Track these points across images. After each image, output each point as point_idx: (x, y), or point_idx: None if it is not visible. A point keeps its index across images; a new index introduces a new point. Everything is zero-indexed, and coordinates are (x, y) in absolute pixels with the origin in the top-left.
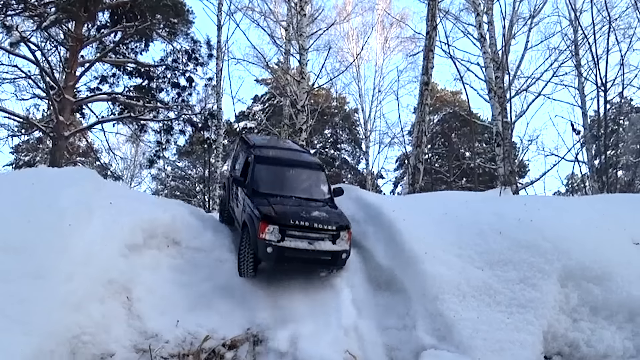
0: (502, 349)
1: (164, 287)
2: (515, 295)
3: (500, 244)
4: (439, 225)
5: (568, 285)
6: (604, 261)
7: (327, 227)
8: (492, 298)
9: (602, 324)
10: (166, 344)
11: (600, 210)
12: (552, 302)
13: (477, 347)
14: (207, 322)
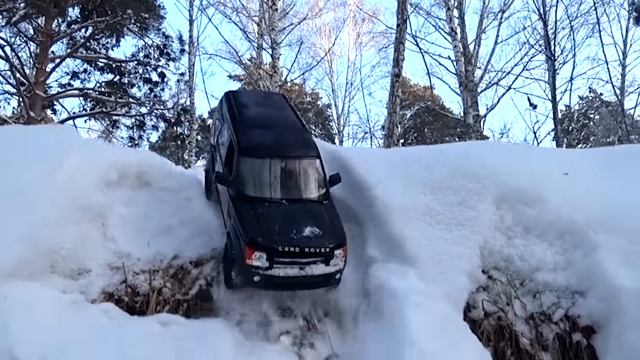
0: (442, 260)
1: (137, 217)
2: (454, 215)
3: (442, 174)
4: (390, 162)
5: (503, 207)
6: (537, 187)
7: (321, 250)
8: (434, 218)
9: (534, 241)
10: (138, 261)
11: (538, 151)
12: (487, 221)
13: (419, 259)
14: (175, 245)
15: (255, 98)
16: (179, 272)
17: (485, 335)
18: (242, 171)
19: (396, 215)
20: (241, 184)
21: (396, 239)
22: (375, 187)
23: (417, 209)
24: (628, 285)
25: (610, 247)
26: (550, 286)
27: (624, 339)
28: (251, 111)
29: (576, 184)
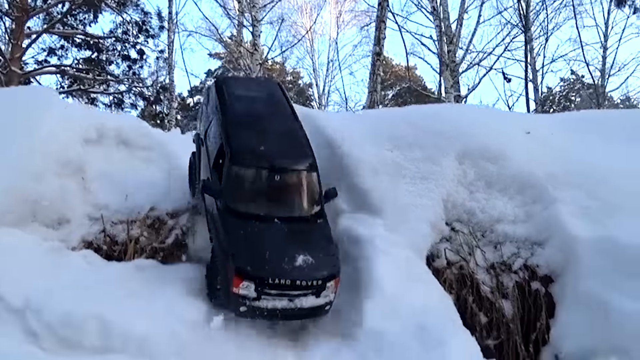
0: (406, 211)
1: (115, 172)
2: (419, 170)
3: (408, 131)
4: (359, 123)
5: (466, 162)
6: (499, 144)
7: (312, 283)
8: (399, 173)
9: (495, 195)
10: (116, 212)
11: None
12: (451, 176)
13: (385, 210)
14: (152, 198)
15: (249, 89)
16: (155, 223)
17: (448, 284)
18: (232, 182)
19: (363, 170)
20: (231, 197)
21: (363, 192)
22: (344, 144)
23: (384, 164)
24: (583, 235)
25: (568, 200)
26: (510, 237)
27: (579, 286)
28: (245, 108)
29: (537, 142)
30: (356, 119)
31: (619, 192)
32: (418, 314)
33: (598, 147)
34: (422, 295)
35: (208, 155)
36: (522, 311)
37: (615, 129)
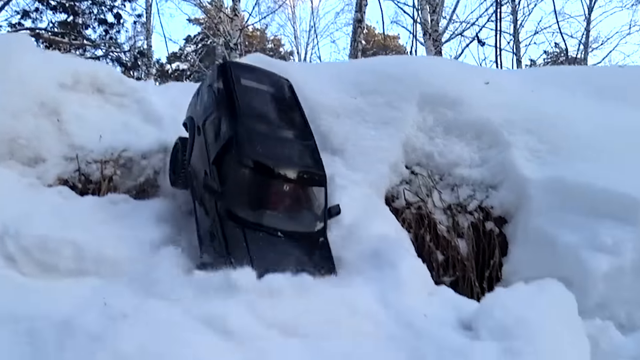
0: (367, 152)
1: (90, 116)
2: (381, 115)
3: (371, 79)
4: (326, 71)
5: (425, 109)
6: (458, 91)
7: None
8: (362, 117)
9: (453, 141)
10: (91, 152)
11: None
12: (411, 121)
13: (346, 151)
14: (126, 140)
15: (260, 82)
16: (128, 163)
17: (407, 223)
18: (238, 186)
19: (326, 114)
20: (234, 201)
21: (325, 134)
22: (309, 89)
23: (347, 109)
24: (534, 177)
25: (521, 145)
26: (466, 180)
27: (529, 224)
28: (257, 105)
29: (495, 91)
30: (323, 68)
31: (569, 137)
32: (374, 242)
33: (554, 98)
34: (379, 227)
35: (207, 148)
36: (477, 250)
37: (572, 83)
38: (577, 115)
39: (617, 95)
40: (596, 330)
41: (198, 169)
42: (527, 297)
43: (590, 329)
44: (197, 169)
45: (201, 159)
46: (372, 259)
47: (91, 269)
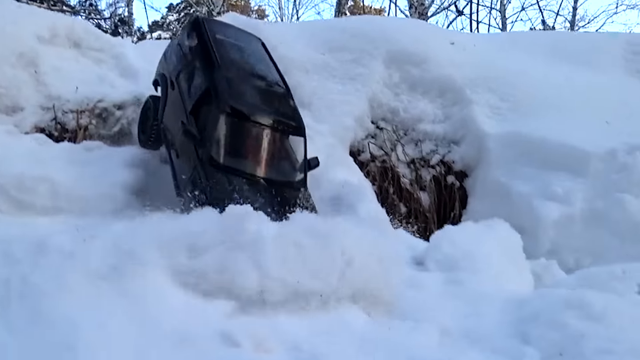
0: (333, 106)
1: (67, 68)
2: (348, 71)
3: (340, 36)
4: (297, 29)
5: (392, 66)
6: (423, 49)
7: None
8: (330, 73)
9: (418, 97)
10: (67, 102)
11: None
12: (377, 77)
13: (313, 104)
14: (103, 91)
15: (234, 38)
16: (103, 113)
17: (372, 175)
18: (220, 133)
19: (296, 69)
20: (216, 148)
21: (293, 88)
22: (279, 45)
23: (315, 65)
24: (493, 132)
25: (483, 102)
26: (430, 135)
27: (488, 177)
28: (233, 58)
29: (460, 51)
30: (295, 26)
31: (528, 95)
32: (335, 188)
33: (516, 59)
34: (341, 174)
35: (183, 99)
36: (438, 202)
37: (536, 46)
38: (538, 76)
39: (579, 59)
40: (541, 268)
41: (173, 123)
42: (474, 234)
43: (535, 267)
44: (172, 123)
45: (176, 112)
46: (333, 202)
47: (65, 207)
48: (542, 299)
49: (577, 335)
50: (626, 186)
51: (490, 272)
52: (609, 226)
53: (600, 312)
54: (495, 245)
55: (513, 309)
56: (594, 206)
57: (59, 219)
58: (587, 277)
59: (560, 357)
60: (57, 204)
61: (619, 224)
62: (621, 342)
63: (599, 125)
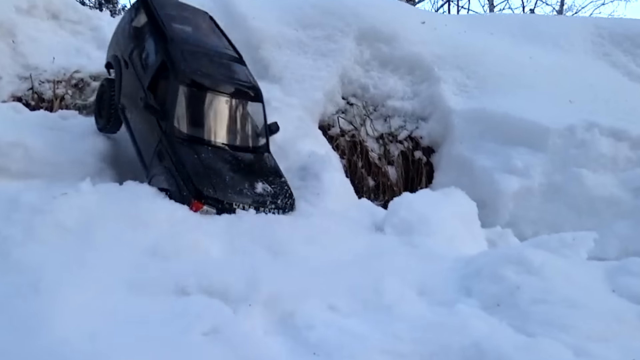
0: (304, 80)
1: (44, 39)
2: (320, 47)
3: (312, 12)
4: (270, 4)
5: (363, 43)
6: (393, 27)
7: (275, 212)
8: (302, 49)
9: (388, 74)
10: (44, 72)
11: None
12: (348, 54)
13: (284, 78)
14: (79, 63)
15: (182, 12)
16: (79, 83)
17: (341, 150)
18: (180, 104)
19: (268, 43)
20: (178, 119)
21: (266, 63)
22: (253, 19)
23: (288, 40)
24: (459, 108)
25: (450, 80)
26: (398, 112)
27: (452, 152)
28: (184, 31)
29: (430, 30)
30: (268, 2)
31: (494, 73)
32: (302, 159)
33: (484, 39)
34: (309, 146)
35: (139, 77)
36: (406, 176)
37: (505, 27)
38: (504, 55)
39: (547, 40)
40: (496, 235)
41: (131, 102)
42: (430, 201)
43: (491, 235)
44: (130, 102)
45: (133, 90)
46: (300, 172)
47: (39, 171)
48: (486, 256)
49: (513, 288)
50: (584, 161)
51: (444, 236)
52: (566, 199)
53: (537, 267)
54: (450, 211)
55: (460, 267)
56: (552, 180)
57: (32, 182)
58: (539, 243)
59: (497, 307)
60: (31, 169)
61: (575, 197)
62: (554, 293)
63: (562, 103)
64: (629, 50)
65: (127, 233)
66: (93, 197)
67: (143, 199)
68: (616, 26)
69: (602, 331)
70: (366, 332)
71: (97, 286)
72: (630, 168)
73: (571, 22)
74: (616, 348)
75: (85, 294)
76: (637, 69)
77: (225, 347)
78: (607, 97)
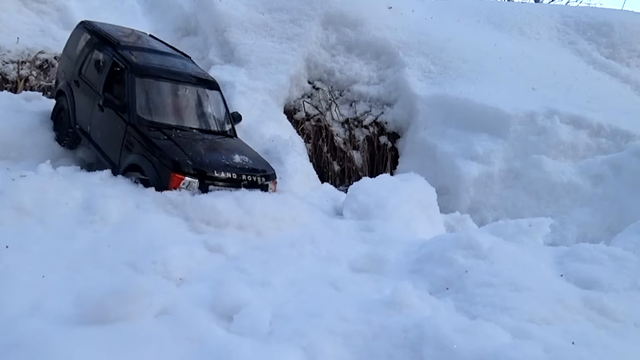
0: (269, 64)
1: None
2: (285, 31)
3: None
4: None
5: (329, 28)
6: (360, 13)
7: (256, 179)
8: (268, 32)
9: (353, 59)
10: (8, 52)
11: None
12: (314, 38)
13: (250, 62)
14: (44, 43)
15: (122, 30)
16: (44, 65)
17: (306, 134)
18: (139, 94)
19: (235, 27)
20: (141, 108)
21: (232, 46)
22: (219, 2)
23: (254, 24)
24: (423, 94)
25: (415, 66)
26: (364, 97)
27: (416, 137)
28: (127, 40)
29: (397, 15)
30: None
31: (459, 60)
32: (266, 142)
33: (450, 25)
34: (273, 130)
35: (91, 86)
36: (371, 161)
37: (473, 14)
38: (469, 42)
39: (513, 27)
40: (455, 220)
41: (88, 111)
42: (389, 185)
43: (450, 220)
44: (87, 113)
45: (89, 100)
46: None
47: (2, 154)
48: (438, 241)
49: (461, 271)
50: (544, 148)
51: (401, 220)
52: (526, 186)
53: (486, 251)
54: (408, 196)
55: (413, 251)
56: (512, 166)
57: None
58: (497, 229)
59: (446, 290)
60: None
61: (535, 183)
62: (500, 276)
63: (524, 90)
64: (593, 38)
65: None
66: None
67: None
68: (582, 15)
69: (544, 314)
70: (314, 312)
71: (56, 263)
72: (590, 155)
73: (538, 10)
74: (557, 331)
75: (45, 270)
76: (601, 57)
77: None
78: (570, 84)
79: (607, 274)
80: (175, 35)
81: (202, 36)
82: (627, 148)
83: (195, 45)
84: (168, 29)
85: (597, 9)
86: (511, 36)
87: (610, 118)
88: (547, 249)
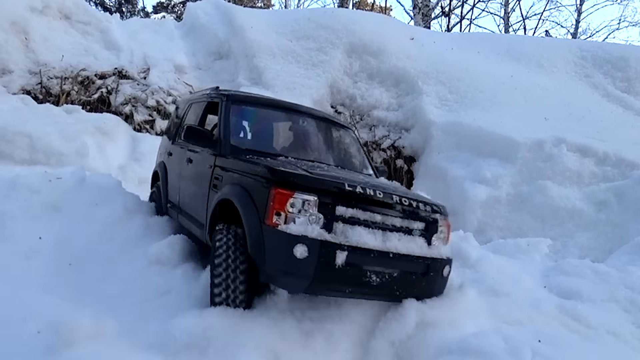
0: (294, 88)
1: (55, 38)
2: (311, 58)
3: (307, 26)
4: (269, 17)
5: (352, 56)
6: (382, 42)
7: (418, 207)
8: (295, 59)
9: (375, 86)
10: (53, 69)
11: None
12: (338, 66)
13: (276, 86)
14: (86, 62)
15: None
16: (85, 81)
17: None
18: (234, 124)
19: (263, 53)
20: (237, 137)
21: (260, 70)
22: (251, 29)
23: (282, 50)
24: (438, 121)
25: (433, 94)
26: (383, 122)
27: (430, 161)
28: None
29: (417, 47)
30: (267, 14)
31: (474, 89)
32: None
33: (468, 57)
34: None
35: (181, 136)
36: None
37: (491, 47)
38: (486, 73)
39: (531, 61)
40: (458, 238)
41: (182, 180)
42: None
43: (454, 237)
44: (181, 182)
45: (179, 163)
46: None
47: (42, 159)
48: None
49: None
50: (550, 174)
51: None
52: (531, 209)
53: (474, 261)
54: None
55: None
56: (519, 190)
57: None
58: (497, 247)
59: None
60: (34, 157)
61: (540, 207)
62: (483, 283)
63: (536, 119)
64: (609, 72)
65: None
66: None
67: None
68: (599, 49)
69: (519, 317)
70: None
71: (89, 254)
72: (595, 183)
73: (556, 44)
74: (528, 332)
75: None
76: (616, 90)
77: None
78: (582, 115)
79: (588, 286)
80: (210, 59)
81: (234, 60)
82: (631, 176)
83: (227, 69)
84: (203, 52)
85: (615, 44)
86: (528, 68)
87: (617, 148)
88: (536, 264)
